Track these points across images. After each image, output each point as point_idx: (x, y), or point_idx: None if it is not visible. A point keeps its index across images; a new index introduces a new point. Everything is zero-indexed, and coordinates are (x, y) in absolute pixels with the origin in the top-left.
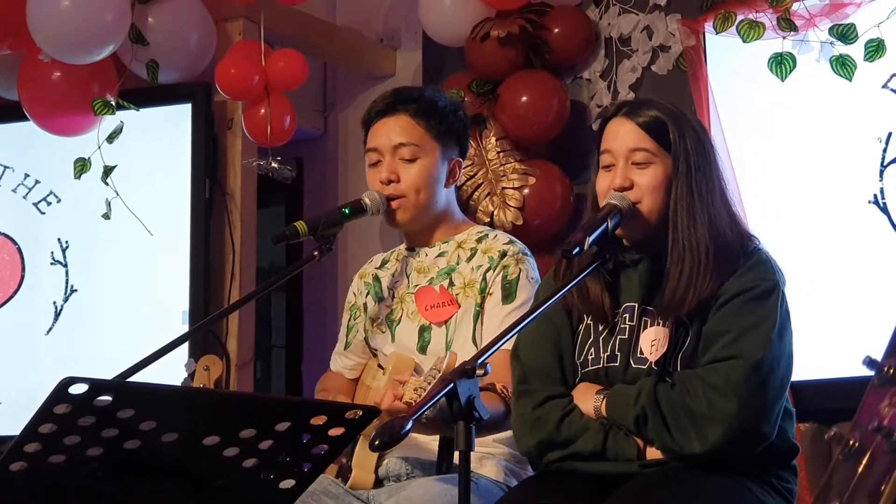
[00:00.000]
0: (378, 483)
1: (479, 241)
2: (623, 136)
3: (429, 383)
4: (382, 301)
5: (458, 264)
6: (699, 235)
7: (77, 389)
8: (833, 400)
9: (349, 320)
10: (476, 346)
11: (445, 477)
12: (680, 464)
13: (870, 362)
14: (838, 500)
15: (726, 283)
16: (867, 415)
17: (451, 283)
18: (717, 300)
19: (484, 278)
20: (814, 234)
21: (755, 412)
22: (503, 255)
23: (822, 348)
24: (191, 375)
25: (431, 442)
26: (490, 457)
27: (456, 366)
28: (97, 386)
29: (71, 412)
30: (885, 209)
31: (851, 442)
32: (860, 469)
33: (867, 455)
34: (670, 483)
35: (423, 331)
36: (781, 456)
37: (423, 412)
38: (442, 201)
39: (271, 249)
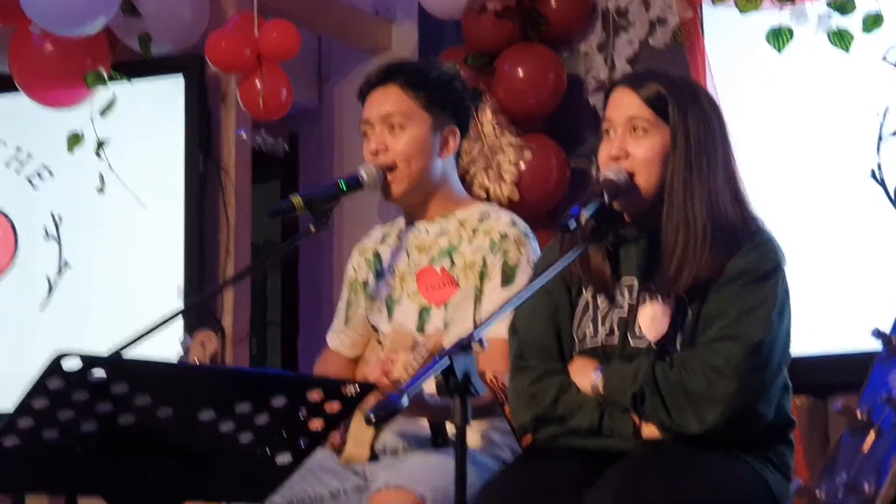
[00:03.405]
0: (374, 458)
1: (480, 220)
2: (623, 104)
3: (416, 361)
4: (382, 278)
5: (459, 244)
6: (696, 211)
7: (70, 364)
8: (829, 374)
9: (349, 295)
10: None
11: (441, 451)
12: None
13: (878, 334)
14: (846, 471)
15: (728, 263)
16: (874, 388)
17: (452, 264)
18: (717, 279)
19: (484, 261)
20: (811, 208)
21: (753, 393)
22: (504, 237)
23: (819, 322)
24: (186, 351)
25: None
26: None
27: (443, 343)
28: (90, 361)
29: (64, 387)
30: (882, 183)
31: (859, 415)
32: (868, 441)
33: (875, 427)
34: (667, 457)
35: (423, 311)
36: (778, 430)
37: (419, 384)
38: (437, 172)
39: (266, 225)
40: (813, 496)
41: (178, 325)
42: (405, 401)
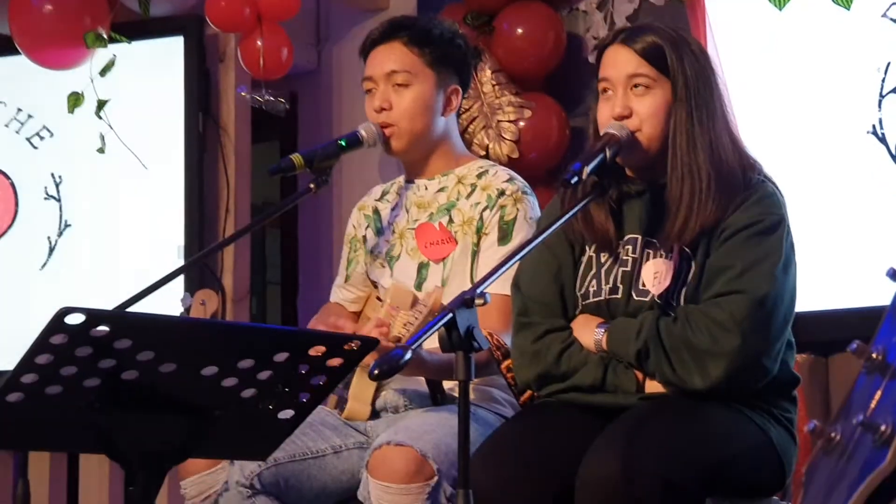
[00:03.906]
0: (375, 415)
1: (479, 176)
2: (621, 63)
3: (416, 318)
4: (382, 235)
5: (457, 200)
6: (700, 161)
7: (74, 320)
8: (830, 331)
9: (349, 252)
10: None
11: (443, 407)
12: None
13: (893, 274)
14: (862, 412)
15: (731, 216)
16: (889, 329)
17: (451, 220)
18: (721, 233)
19: (481, 217)
20: (812, 165)
21: (758, 347)
22: (501, 193)
23: (820, 280)
24: (187, 310)
25: None
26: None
27: (443, 301)
28: (94, 316)
29: (68, 343)
30: (883, 139)
31: (875, 355)
32: (884, 383)
33: (891, 369)
34: (670, 412)
35: (422, 268)
36: (782, 386)
37: (422, 341)
38: (440, 129)
39: (265, 186)
40: (829, 437)
41: (179, 284)
42: (408, 356)
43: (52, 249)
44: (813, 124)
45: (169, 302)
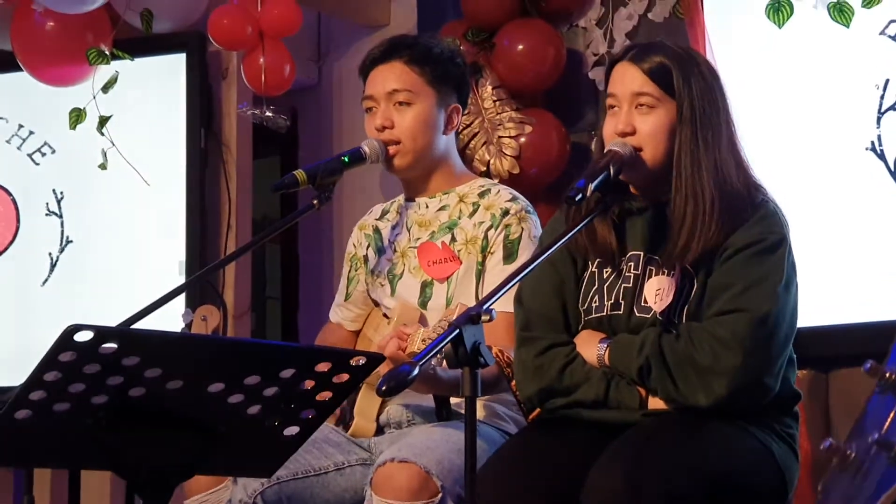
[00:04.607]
0: (379, 431)
1: (481, 195)
2: (627, 80)
3: (437, 335)
4: (383, 254)
5: (459, 219)
6: (704, 183)
7: (82, 337)
8: (831, 347)
9: (349, 271)
10: None
11: (446, 423)
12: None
13: None
14: (876, 431)
15: (733, 235)
16: None
17: (454, 239)
18: (723, 252)
19: (486, 236)
20: (811, 182)
21: (759, 366)
22: (505, 213)
23: (820, 295)
24: (188, 326)
25: None
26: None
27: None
28: (102, 333)
29: (76, 360)
30: (882, 156)
31: (888, 375)
32: None
33: None
34: (673, 429)
35: (425, 286)
36: (784, 402)
37: (430, 358)
38: (441, 148)
39: (265, 201)
40: (844, 455)
41: (180, 299)
42: (416, 372)
43: (53, 265)
44: (812, 140)
45: (170, 317)
